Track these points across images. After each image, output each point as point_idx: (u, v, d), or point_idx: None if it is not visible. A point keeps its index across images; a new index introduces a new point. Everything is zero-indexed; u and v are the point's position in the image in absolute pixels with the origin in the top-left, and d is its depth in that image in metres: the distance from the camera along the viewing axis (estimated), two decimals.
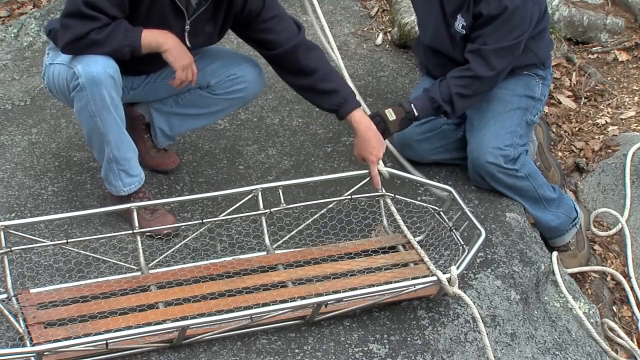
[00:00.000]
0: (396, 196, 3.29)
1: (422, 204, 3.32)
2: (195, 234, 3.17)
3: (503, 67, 3.43)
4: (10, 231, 2.90)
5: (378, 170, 3.28)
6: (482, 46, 3.38)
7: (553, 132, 4.35)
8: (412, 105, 3.45)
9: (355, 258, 3.17)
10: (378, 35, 4.70)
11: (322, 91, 3.27)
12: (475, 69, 3.40)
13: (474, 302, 2.99)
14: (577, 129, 4.46)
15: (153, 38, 3.03)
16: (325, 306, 2.89)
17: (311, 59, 3.27)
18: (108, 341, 2.62)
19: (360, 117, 3.29)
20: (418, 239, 3.22)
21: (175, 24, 3.12)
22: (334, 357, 2.87)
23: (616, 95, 4.67)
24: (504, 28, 3.36)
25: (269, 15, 3.22)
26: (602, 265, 3.81)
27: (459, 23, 3.44)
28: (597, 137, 4.40)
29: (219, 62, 3.37)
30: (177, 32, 3.12)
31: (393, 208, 3.25)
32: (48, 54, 3.22)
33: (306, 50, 3.27)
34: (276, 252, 3.17)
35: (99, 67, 2.98)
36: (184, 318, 2.80)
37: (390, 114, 3.44)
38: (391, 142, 3.66)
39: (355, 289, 2.93)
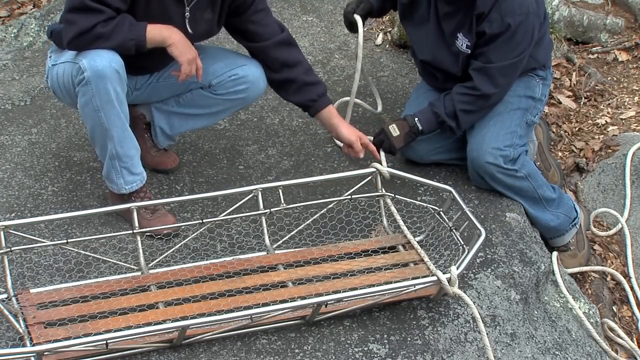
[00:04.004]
0: (396, 196, 3.29)
1: (422, 204, 3.32)
2: (195, 234, 3.17)
3: (507, 83, 3.45)
4: (10, 231, 2.90)
5: (378, 170, 3.28)
6: (487, 64, 3.38)
7: (553, 132, 4.35)
8: (416, 119, 3.46)
9: (355, 258, 3.17)
10: (378, 35, 4.69)
11: (305, 83, 3.36)
12: (480, 86, 3.40)
13: (474, 302, 2.99)
14: (577, 129, 4.46)
15: (158, 32, 3.04)
16: (325, 306, 2.89)
17: (294, 54, 3.38)
18: (108, 341, 2.62)
19: (335, 111, 3.45)
20: (418, 239, 3.22)
21: (175, 11, 3.13)
22: (334, 357, 2.87)
23: (616, 95, 4.67)
24: (508, 45, 3.36)
25: (260, 6, 3.31)
26: (602, 265, 3.80)
27: (463, 43, 3.42)
28: (597, 137, 4.40)
29: (221, 62, 3.37)
30: (178, 20, 3.13)
31: (393, 208, 3.25)
32: (50, 56, 3.22)
33: (290, 45, 3.38)
34: (276, 252, 3.17)
35: (105, 61, 2.98)
36: (184, 318, 2.80)
37: (394, 130, 3.45)
38: None
39: (355, 289, 2.93)
